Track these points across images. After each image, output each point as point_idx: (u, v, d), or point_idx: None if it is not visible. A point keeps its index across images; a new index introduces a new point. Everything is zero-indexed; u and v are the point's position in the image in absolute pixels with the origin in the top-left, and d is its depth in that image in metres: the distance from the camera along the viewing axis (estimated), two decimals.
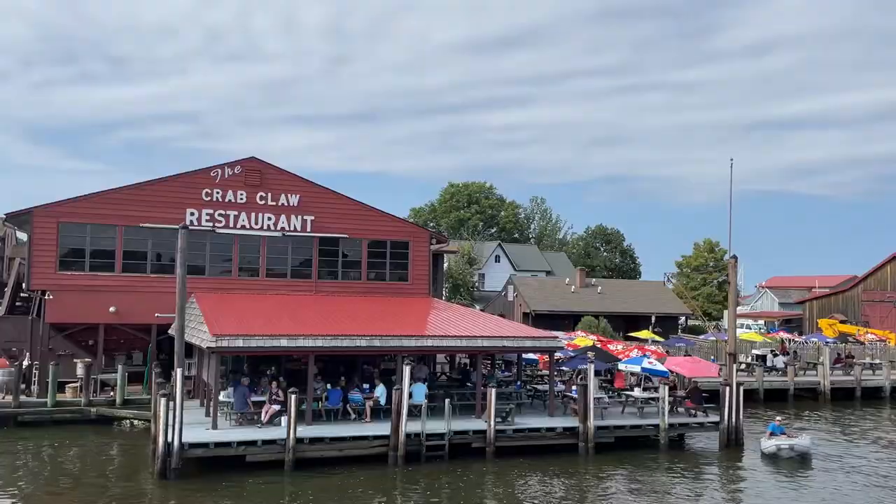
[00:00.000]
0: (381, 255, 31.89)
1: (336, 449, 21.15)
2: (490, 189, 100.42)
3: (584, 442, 23.83)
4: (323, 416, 23.05)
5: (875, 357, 45.38)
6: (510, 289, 63.24)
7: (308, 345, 22.35)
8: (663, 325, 58.46)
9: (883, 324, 61.89)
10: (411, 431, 21.65)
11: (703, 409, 26.83)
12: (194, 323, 24.66)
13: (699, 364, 28.69)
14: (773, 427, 25.06)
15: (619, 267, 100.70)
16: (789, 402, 37.60)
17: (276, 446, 20.54)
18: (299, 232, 30.28)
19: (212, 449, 20.15)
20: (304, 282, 30.38)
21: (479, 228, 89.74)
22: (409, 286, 32.05)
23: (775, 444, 24.06)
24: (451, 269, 65.10)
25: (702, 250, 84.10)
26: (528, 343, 26.14)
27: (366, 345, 23.11)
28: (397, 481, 20.09)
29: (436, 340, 24.39)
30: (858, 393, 39.34)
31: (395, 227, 32.20)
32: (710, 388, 30.38)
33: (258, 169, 29.99)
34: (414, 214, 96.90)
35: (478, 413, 24.02)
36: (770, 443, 24.26)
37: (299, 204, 30.29)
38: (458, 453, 22.12)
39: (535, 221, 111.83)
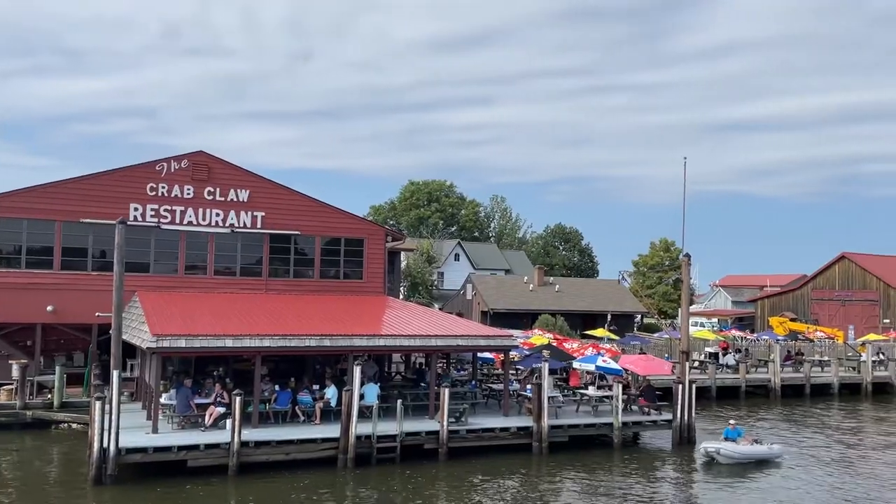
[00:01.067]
0: (335, 253, 31.19)
1: (283, 452, 20.48)
2: (450, 187, 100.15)
3: (539, 442, 23.58)
4: (271, 419, 22.34)
5: (824, 354, 46.28)
6: (469, 287, 62.97)
7: (255, 345, 21.62)
8: (620, 324, 58.83)
9: (831, 322, 63.39)
10: (362, 433, 21.11)
11: (656, 407, 26.85)
12: (136, 322, 23.72)
13: (652, 362, 28.73)
14: (728, 432, 24.18)
15: (578, 266, 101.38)
16: (741, 399, 38.02)
17: (219, 450, 19.78)
18: (249, 228, 29.41)
19: (150, 454, 19.30)
20: (254, 280, 29.54)
21: (439, 227, 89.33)
22: (363, 284, 31.43)
23: (707, 447, 23.22)
24: (409, 268, 64.56)
25: (658, 249, 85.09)
26: (483, 342, 25.80)
27: (315, 345, 22.47)
28: (346, 485, 19.53)
29: (388, 340, 23.87)
30: (808, 390, 40.01)
31: (350, 224, 31.54)
32: (663, 385, 30.47)
33: (206, 163, 29.04)
34: (374, 212, 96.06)
35: (431, 413, 23.57)
36: (706, 446, 23.36)
37: (249, 199, 29.42)
38: (411, 455, 21.66)
39: (495, 220, 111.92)
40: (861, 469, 23.21)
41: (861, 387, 41.65)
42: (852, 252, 68.71)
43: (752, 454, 23.36)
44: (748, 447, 23.42)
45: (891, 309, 63.94)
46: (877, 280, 65.41)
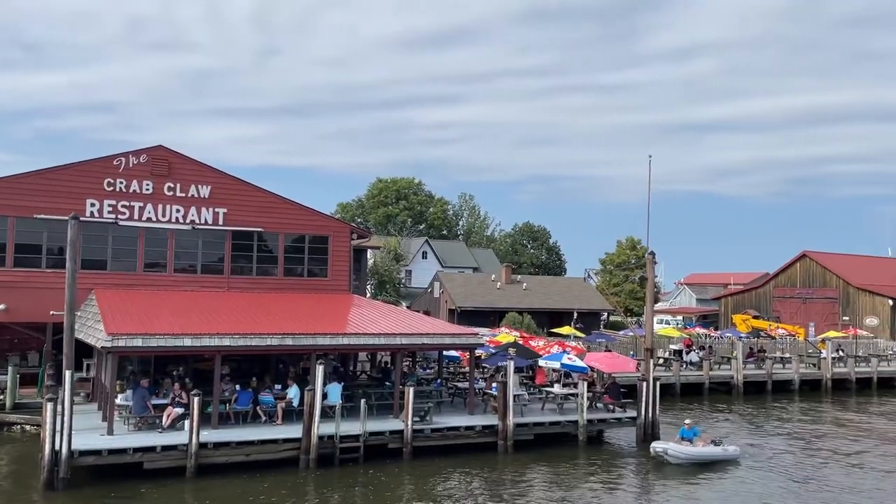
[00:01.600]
0: (300, 251, 30.74)
1: (243, 453, 20.05)
2: (419, 185, 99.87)
3: (504, 440, 23.47)
4: (231, 419, 21.89)
5: (785, 351, 46.98)
6: (436, 285, 62.80)
7: (214, 344, 21.14)
8: (586, 321, 59.16)
9: (793, 319, 64.52)
10: (324, 433, 20.77)
11: (621, 404, 26.91)
12: (91, 321, 23.07)
13: (617, 359, 28.85)
14: (684, 432, 23.68)
15: (545, 264, 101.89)
16: (704, 395, 38.40)
17: (176, 452, 19.30)
18: (210, 225, 28.82)
19: (105, 456, 18.74)
20: (215, 278, 28.95)
21: (407, 225, 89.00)
22: (328, 282, 31.02)
23: (656, 446, 22.97)
24: (376, 265, 64.15)
25: (624, 248, 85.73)
26: (448, 340, 25.60)
27: (277, 343, 22.08)
28: (307, 486, 19.19)
29: (352, 338, 23.56)
30: (769, 386, 40.58)
31: (315, 221, 31.10)
32: (628, 383, 30.60)
33: (166, 158, 28.38)
34: (341, 210, 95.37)
35: (396, 413, 23.32)
36: (655, 445, 23.13)
37: (210, 196, 28.82)
38: (374, 455, 21.38)
39: (464, 218, 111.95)
40: (817, 472, 22.70)
41: (821, 383, 42.37)
42: (813, 251, 70.02)
43: (703, 455, 22.85)
44: (697, 448, 22.94)
45: (850, 306, 65.33)
46: (836, 278, 66.74)
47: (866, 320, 63.25)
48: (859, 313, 64.37)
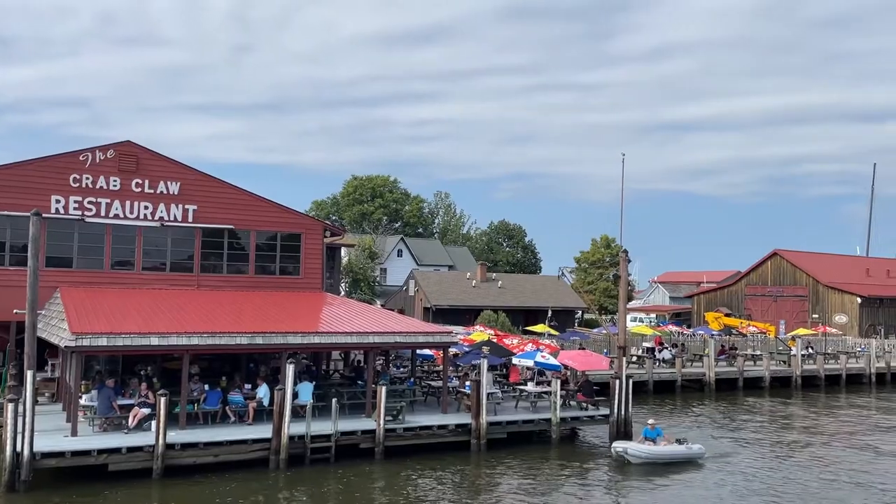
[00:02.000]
0: (271, 248, 30.34)
1: (211, 454, 19.70)
2: (394, 183, 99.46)
3: (477, 439, 23.37)
4: (200, 420, 21.51)
5: (756, 349, 47.54)
6: (411, 283, 62.60)
7: (182, 343, 20.75)
8: (561, 319, 59.35)
9: (764, 316, 65.37)
10: (295, 433, 20.49)
11: (594, 402, 26.96)
12: (56, 320, 22.54)
13: (591, 357, 28.89)
14: (647, 431, 23.41)
15: (521, 262, 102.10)
16: (677, 393, 38.69)
17: (142, 453, 18.90)
18: (180, 222, 28.31)
19: (68, 458, 18.29)
20: (185, 276, 28.46)
21: (382, 222, 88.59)
22: (300, 280, 30.66)
23: (616, 446, 22.73)
24: (351, 263, 63.73)
25: (599, 246, 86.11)
26: (422, 338, 25.42)
27: (247, 342, 21.72)
28: (277, 486, 18.91)
29: (324, 337, 23.26)
30: (741, 384, 41.00)
31: (287, 218, 30.72)
32: (601, 380, 30.68)
33: (134, 153, 27.82)
34: (316, 207, 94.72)
35: (368, 412, 23.10)
36: (616, 445, 22.86)
37: (180, 192, 28.31)
38: (346, 455, 21.15)
39: (440, 216, 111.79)
40: (780, 471, 22.28)
41: (791, 380, 42.91)
42: (784, 249, 70.96)
43: (665, 454, 22.59)
44: (658, 447, 22.68)
45: (819, 304, 66.32)
46: (806, 276, 67.70)
47: (835, 318, 64.25)
48: (828, 311, 65.38)
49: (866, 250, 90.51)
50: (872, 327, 63.41)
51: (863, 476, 21.77)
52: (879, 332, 61.70)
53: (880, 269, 74.24)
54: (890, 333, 61.82)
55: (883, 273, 73.26)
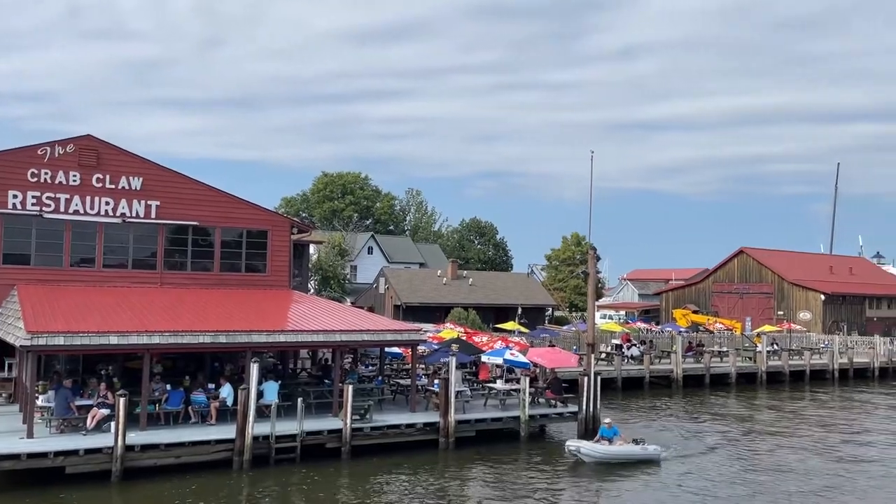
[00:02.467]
0: (237, 245, 29.79)
1: (173, 456, 19.27)
2: (365, 180, 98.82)
3: (445, 437, 23.23)
4: (162, 420, 21.05)
5: (723, 345, 48.08)
6: (381, 281, 62.23)
7: (143, 342, 20.26)
8: (531, 317, 59.45)
9: (730, 313, 66.20)
10: (259, 433, 20.14)
11: (562, 399, 26.99)
12: (12, 318, 21.86)
13: (559, 354, 28.89)
14: (603, 430, 23.16)
15: (492, 259, 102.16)
16: (645, 389, 38.94)
17: (101, 455, 18.42)
18: (142, 218, 27.66)
19: (24, 460, 17.75)
20: (147, 273, 27.81)
21: (353, 220, 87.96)
22: (267, 278, 30.16)
23: (569, 445, 22.35)
24: (320, 261, 63.16)
25: (569, 243, 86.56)
26: (390, 336, 25.19)
27: (210, 341, 21.29)
28: (240, 488, 18.57)
29: (290, 336, 22.92)
30: (708, 380, 41.41)
31: (253, 214, 30.18)
32: (570, 377, 30.71)
33: (94, 148, 27.09)
34: (285, 204, 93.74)
35: (335, 411, 22.80)
36: (569, 444, 22.48)
37: (142, 188, 27.64)
38: (312, 455, 20.85)
39: (411, 214, 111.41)
40: (736, 471, 21.93)
41: (756, 376, 43.45)
42: (750, 247, 71.92)
43: (619, 454, 22.25)
44: (613, 447, 22.35)
45: (784, 301, 67.34)
46: (772, 273, 68.70)
47: (800, 314, 65.32)
48: (793, 308, 66.42)
49: (830, 248, 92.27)
50: (835, 324, 64.59)
51: (820, 476, 21.75)
52: (842, 329, 62.86)
53: (843, 267, 75.69)
54: (852, 330, 63.00)
55: (846, 271, 74.70)
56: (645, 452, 22.69)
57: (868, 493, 20.13)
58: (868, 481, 21.28)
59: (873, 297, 70.57)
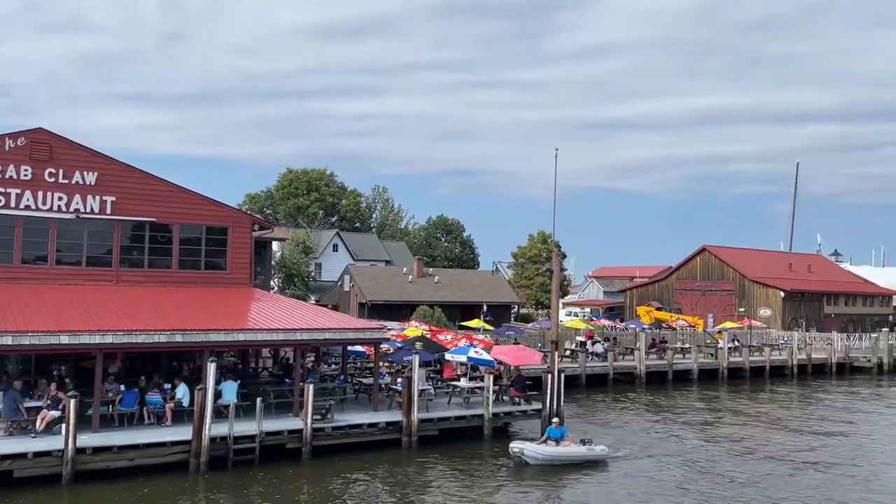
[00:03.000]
0: (196, 242, 29.12)
1: (126, 458, 18.73)
2: (331, 177, 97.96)
3: (408, 436, 23.01)
4: (116, 422, 20.47)
5: (685, 342, 48.61)
6: (346, 279, 61.73)
7: (95, 342, 19.67)
8: (497, 314, 59.53)
9: (693, 310, 67.04)
10: (217, 434, 19.69)
11: (526, 396, 26.96)
12: None
13: (524, 352, 28.85)
14: (551, 431, 22.56)
15: (459, 257, 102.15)
16: (609, 386, 39.16)
17: (51, 458, 17.84)
18: (97, 214, 26.88)
19: None
20: (102, 270, 27.03)
21: (318, 216, 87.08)
22: (227, 276, 29.55)
23: (513, 446, 21.79)
24: (284, 258, 62.40)
25: (535, 241, 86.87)
26: (352, 335, 24.86)
27: (166, 340, 20.76)
28: (196, 490, 18.12)
29: (249, 334, 22.46)
30: (670, 376, 41.83)
31: (213, 211, 29.54)
32: (534, 375, 30.74)
33: (47, 142, 26.25)
34: (249, 200, 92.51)
35: (295, 411, 22.43)
36: (513, 445, 21.91)
37: (97, 183, 26.86)
38: (272, 456, 20.47)
39: (377, 211, 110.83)
40: (688, 479, 20.99)
41: (718, 372, 44.02)
42: (712, 245, 72.92)
43: (564, 455, 21.73)
44: (557, 448, 21.85)
45: (745, 298, 68.41)
46: (733, 271, 69.74)
47: (760, 311, 66.42)
48: (754, 305, 67.51)
49: (790, 246, 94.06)
50: (794, 320, 65.81)
51: (766, 478, 21.14)
52: (801, 325, 64.08)
53: (802, 265, 77.17)
54: (811, 326, 64.28)
55: (805, 268, 76.18)
56: (591, 453, 22.21)
57: (809, 492, 19.66)
58: (812, 480, 20.92)
59: (831, 294, 72.08)
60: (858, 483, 20.86)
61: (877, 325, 68.61)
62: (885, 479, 21.52)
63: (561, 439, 22.29)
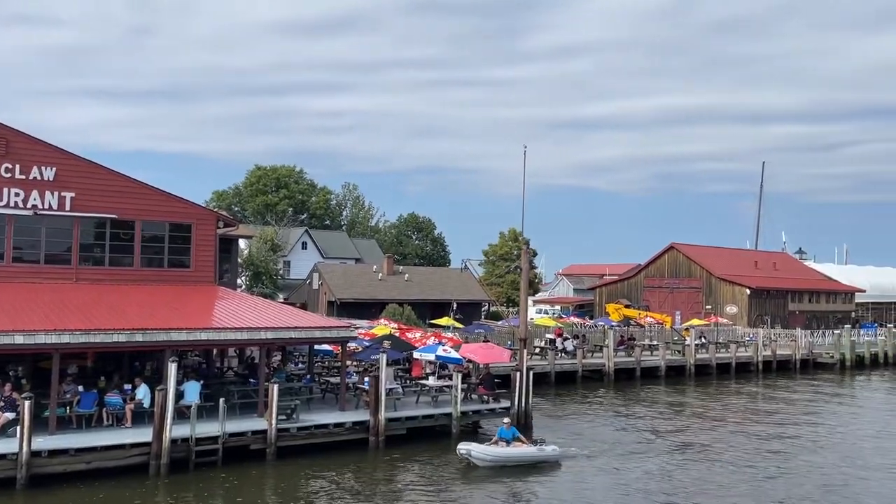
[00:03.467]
0: (159, 240, 28.52)
1: (83, 461, 18.22)
2: (300, 174, 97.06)
3: (375, 436, 22.78)
4: (74, 424, 19.92)
5: (653, 339, 48.99)
6: (315, 276, 61.17)
7: (51, 341, 19.11)
8: (467, 312, 59.46)
9: (661, 308, 67.63)
10: (178, 436, 19.26)
11: (495, 395, 26.87)
12: None
13: (492, 350, 28.79)
14: (502, 431, 21.98)
15: (430, 255, 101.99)
16: (578, 383, 39.28)
17: (5, 462, 17.31)
18: (56, 211, 26.15)
19: None
20: (62, 268, 26.31)
21: (287, 214, 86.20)
22: (191, 274, 28.98)
23: (460, 448, 21.31)
24: (252, 256, 61.62)
25: (506, 239, 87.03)
26: (318, 334, 24.53)
27: (125, 340, 20.25)
28: (155, 494, 17.69)
29: (212, 334, 22.03)
30: (638, 373, 42.10)
31: (176, 207, 28.93)
32: (503, 373, 30.67)
33: (3, 136, 25.41)
34: (217, 198, 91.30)
35: (260, 411, 22.05)
36: (460, 447, 21.41)
37: (56, 178, 26.13)
38: (235, 457, 20.08)
39: (348, 208, 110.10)
40: (640, 482, 20.32)
41: (685, 369, 44.42)
42: (680, 243, 73.67)
43: (512, 456, 21.28)
44: (505, 449, 21.36)
45: (712, 295, 69.21)
46: (700, 269, 70.51)
47: (726, 308, 67.24)
48: (721, 302, 68.32)
49: (755, 244, 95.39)
50: (760, 317, 66.74)
51: (720, 475, 20.98)
52: (766, 322, 65.03)
53: (768, 263, 78.29)
54: (776, 323, 65.27)
55: (770, 266, 77.29)
56: (542, 454, 21.80)
57: (762, 492, 19.38)
58: (766, 481, 20.53)
59: (795, 291, 73.25)
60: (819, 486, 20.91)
61: (839, 321, 69.86)
62: (848, 476, 21.82)
63: (512, 440, 21.80)
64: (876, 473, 22.06)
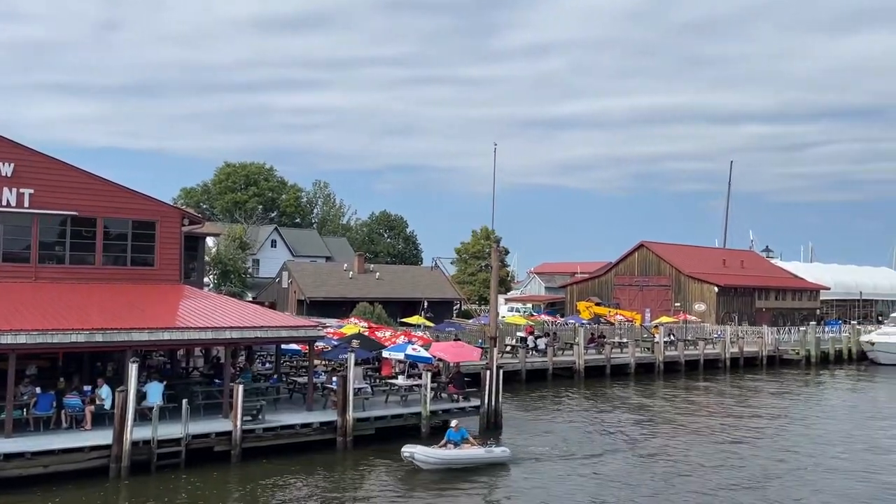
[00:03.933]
0: (122, 237, 27.89)
1: (41, 465, 17.70)
2: (270, 171, 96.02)
3: (343, 436, 22.51)
4: (31, 426, 19.35)
5: (623, 336, 49.27)
6: (285, 275, 60.55)
7: (7, 342, 18.53)
8: (439, 310, 59.29)
9: (631, 305, 68.15)
10: (140, 438, 18.82)
11: (465, 393, 26.74)
12: None
13: (462, 349, 28.63)
14: (451, 433, 21.51)
15: (402, 253, 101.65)
16: (548, 381, 39.33)
17: None
18: (13, 208, 25.41)
19: None
20: (20, 267, 25.56)
21: (257, 212, 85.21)
22: (156, 272, 28.37)
23: (404, 451, 20.64)
24: (220, 254, 60.77)
25: (479, 237, 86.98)
26: (285, 333, 24.15)
27: (85, 340, 19.72)
28: (115, 497, 17.26)
29: (175, 333, 21.56)
30: (608, 370, 42.29)
31: (139, 204, 28.30)
32: (474, 371, 30.56)
33: None
34: (185, 195, 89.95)
35: (225, 412, 21.65)
36: (404, 450, 20.72)
37: (14, 174, 25.38)
38: (199, 459, 19.69)
39: (318, 206, 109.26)
40: (589, 484, 20.08)
41: (654, 366, 44.75)
42: (650, 241, 74.31)
43: (458, 458, 20.81)
44: (450, 451, 20.90)
45: (681, 293, 69.93)
46: (670, 267, 71.20)
47: (695, 306, 67.97)
48: (689, 299, 69.05)
49: (724, 242, 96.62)
50: (728, 315, 67.59)
51: (671, 476, 20.74)
52: (734, 319, 65.86)
53: (735, 261, 79.33)
54: (743, 320, 66.14)
55: (738, 264, 78.32)
56: (490, 455, 21.46)
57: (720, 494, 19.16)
58: (727, 480, 20.40)
59: (762, 289, 74.30)
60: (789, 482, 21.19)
61: (805, 318, 71.02)
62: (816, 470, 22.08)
63: (461, 442, 21.36)
64: (832, 462, 22.34)
